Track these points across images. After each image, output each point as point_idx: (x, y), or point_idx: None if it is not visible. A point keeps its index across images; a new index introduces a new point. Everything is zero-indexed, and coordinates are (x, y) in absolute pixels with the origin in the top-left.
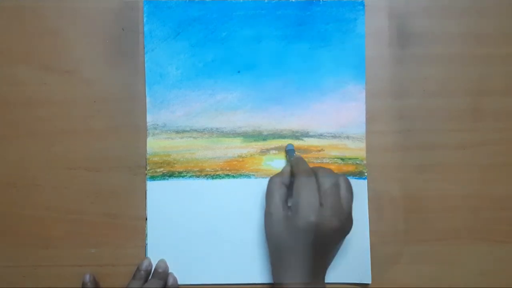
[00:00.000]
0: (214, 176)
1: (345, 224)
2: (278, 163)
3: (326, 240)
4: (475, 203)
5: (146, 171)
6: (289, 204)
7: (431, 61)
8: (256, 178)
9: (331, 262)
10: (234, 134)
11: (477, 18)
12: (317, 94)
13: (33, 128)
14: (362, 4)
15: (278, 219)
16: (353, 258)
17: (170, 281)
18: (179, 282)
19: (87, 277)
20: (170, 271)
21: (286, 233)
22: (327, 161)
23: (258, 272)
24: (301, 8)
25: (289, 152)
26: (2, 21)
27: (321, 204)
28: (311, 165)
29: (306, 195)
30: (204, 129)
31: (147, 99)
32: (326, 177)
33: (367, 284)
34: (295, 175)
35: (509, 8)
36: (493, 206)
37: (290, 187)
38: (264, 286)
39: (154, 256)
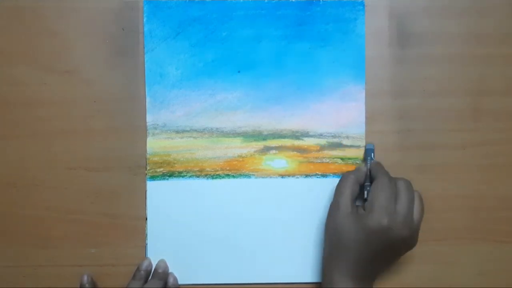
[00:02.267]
0: (214, 176)
1: (413, 237)
2: (278, 163)
3: (390, 247)
4: (475, 203)
5: (146, 171)
6: (357, 204)
7: (431, 61)
8: (256, 178)
9: (383, 271)
10: (234, 134)
11: (477, 18)
12: (317, 94)
13: (33, 128)
14: (362, 4)
15: (345, 214)
16: None
17: (170, 281)
18: (179, 282)
19: (85, 278)
20: (170, 271)
21: (351, 230)
22: (327, 161)
23: (258, 271)
24: (301, 8)
25: (368, 151)
26: (2, 21)
27: (395, 211)
28: (311, 165)
29: (384, 198)
30: (204, 129)
31: (147, 99)
32: (406, 187)
33: None
34: (376, 177)
35: (509, 8)
36: (493, 206)
37: (361, 188)
38: (264, 285)
39: (154, 256)
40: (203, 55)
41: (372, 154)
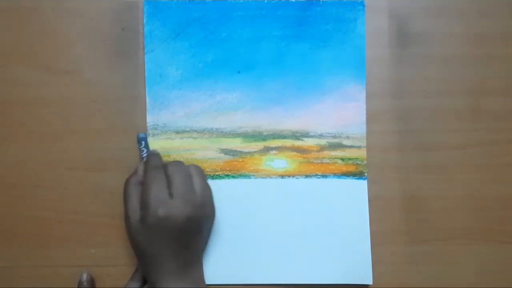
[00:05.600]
0: (214, 176)
1: (202, 210)
2: (278, 164)
3: (183, 230)
4: (475, 203)
5: None
6: None
7: (431, 61)
8: (256, 178)
9: (204, 247)
10: (234, 134)
11: (477, 18)
12: (317, 94)
13: (33, 128)
14: (362, 4)
15: (136, 222)
16: (354, 259)
17: None
18: None
19: (84, 276)
20: None
21: (143, 235)
22: (327, 161)
23: (258, 271)
24: (301, 8)
25: (139, 140)
26: (2, 21)
27: (171, 196)
28: (311, 166)
29: (153, 190)
30: (204, 129)
31: (147, 100)
32: (175, 169)
33: (368, 285)
34: (145, 172)
35: (509, 8)
36: (493, 206)
37: None
38: (263, 286)
39: None
40: (203, 56)
41: (144, 142)
